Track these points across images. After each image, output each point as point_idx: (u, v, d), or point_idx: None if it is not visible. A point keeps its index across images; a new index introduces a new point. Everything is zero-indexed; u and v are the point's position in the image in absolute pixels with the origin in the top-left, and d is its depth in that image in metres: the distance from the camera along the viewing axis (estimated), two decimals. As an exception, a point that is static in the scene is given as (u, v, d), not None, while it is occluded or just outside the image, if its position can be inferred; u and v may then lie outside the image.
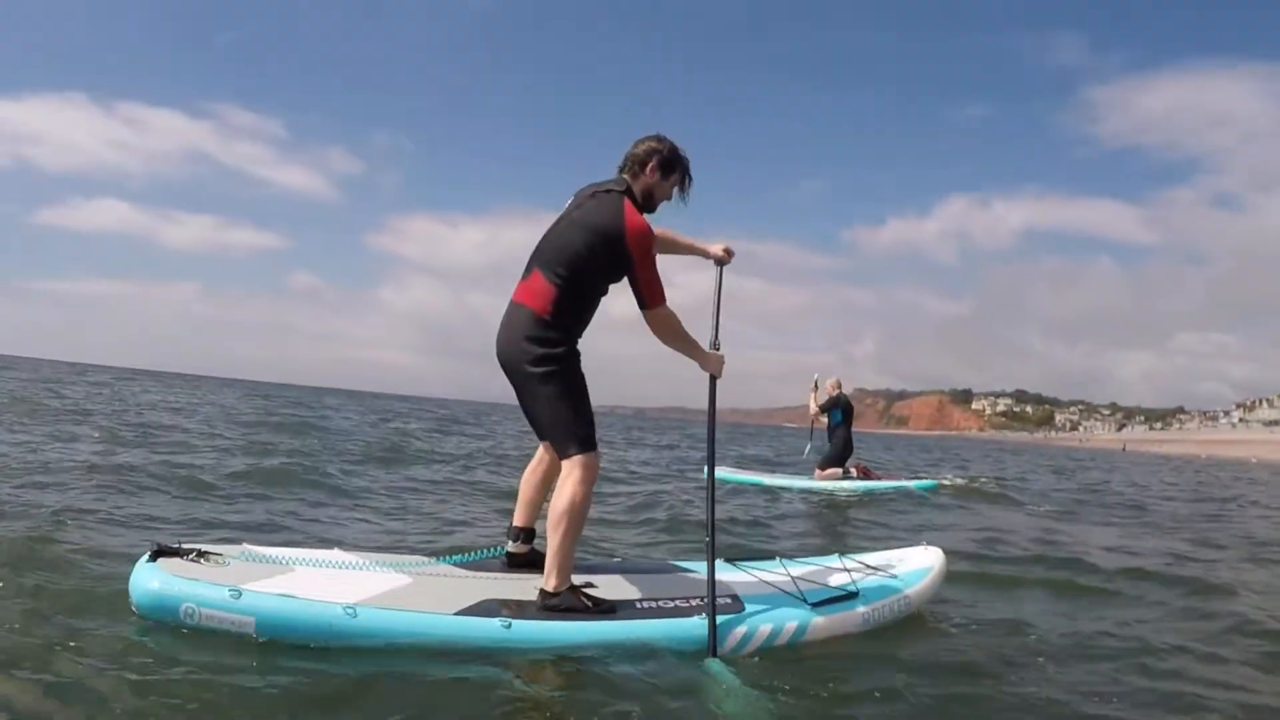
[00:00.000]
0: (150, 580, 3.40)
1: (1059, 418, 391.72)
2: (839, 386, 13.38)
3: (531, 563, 4.12)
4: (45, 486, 6.62)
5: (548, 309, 3.77)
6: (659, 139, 4.01)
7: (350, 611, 3.41)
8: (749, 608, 3.93)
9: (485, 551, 4.28)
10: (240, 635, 3.32)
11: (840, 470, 12.92)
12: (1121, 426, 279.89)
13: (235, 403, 25.20)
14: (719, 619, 3.70)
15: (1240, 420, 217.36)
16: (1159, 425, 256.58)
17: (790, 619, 3.94)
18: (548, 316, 3.77)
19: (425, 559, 4.16)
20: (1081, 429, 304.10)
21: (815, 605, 4.03)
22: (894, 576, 4.61)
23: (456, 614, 3.56)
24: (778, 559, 4.76)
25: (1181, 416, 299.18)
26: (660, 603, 3.94)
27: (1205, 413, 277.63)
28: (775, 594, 4.13)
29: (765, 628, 3.86)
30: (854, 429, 13.55)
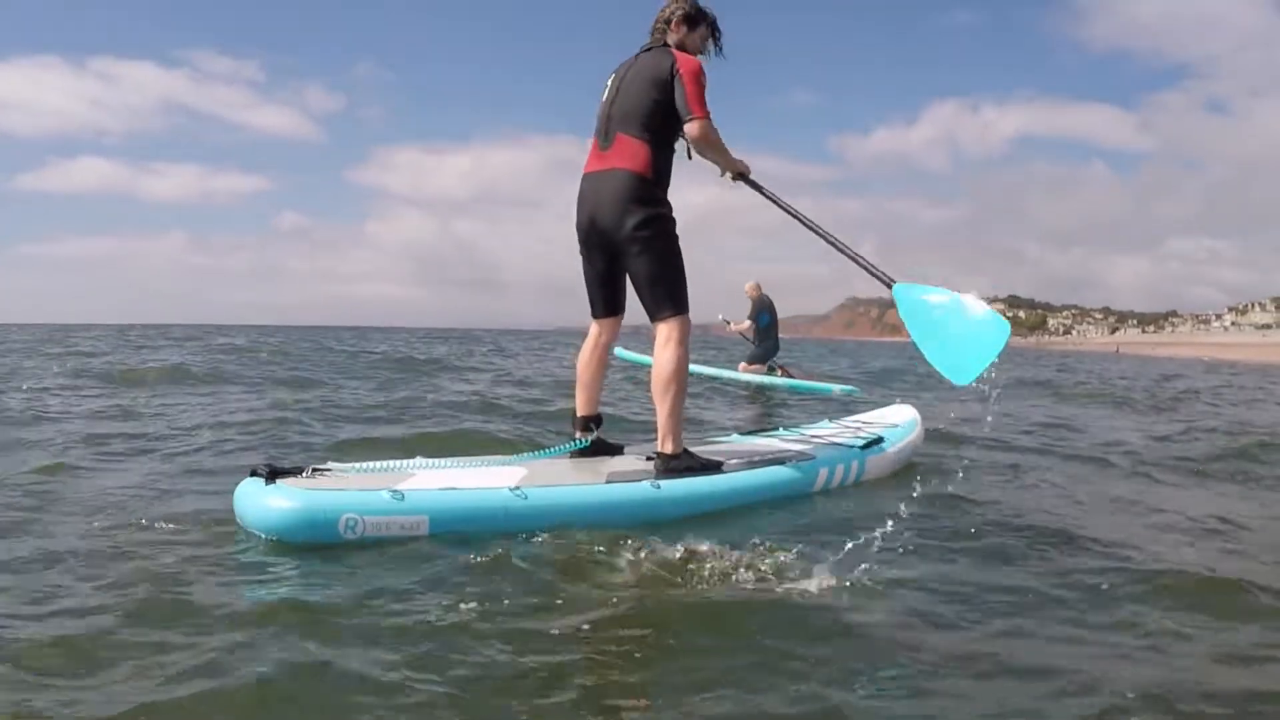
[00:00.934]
0: (287, 499, 3.15)
1: (1052, 322, 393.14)
2: (758, 288, 13.81)
3: (598, 453, 4.28)
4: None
5: (648, 167, 3.93)
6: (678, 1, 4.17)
7: (520, 493, 3.39)
8: (820, 454, 4.59)
9: (562, 448, 4.31)
10: (409, 538, 3.17)
11: (764, 367, 13.43)
12: (1114, 330, 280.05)
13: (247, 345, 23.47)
14: (807, 463, 4.44)
15: (1232, 324, 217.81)
16: (1151, 329, 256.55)
17: (853, 459, 4.69)
18: (650, 175, 3.94)
19: (513, 456, 4.24)
20: (1075, 333, 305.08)
21: (863, 448, 4.79)
22: (894, 426, 5.41)
23: (608, 482, 3.74)
24: (799, 426, 5.56)
25: (1174, 320, 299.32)
26: (751, 459, 4.34)
27: (1197, 316, 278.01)
28: (830, 445, 4.85)
29: (840, 467, 4.55)
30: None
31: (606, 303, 4.28)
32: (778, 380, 12.94)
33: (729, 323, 13.98)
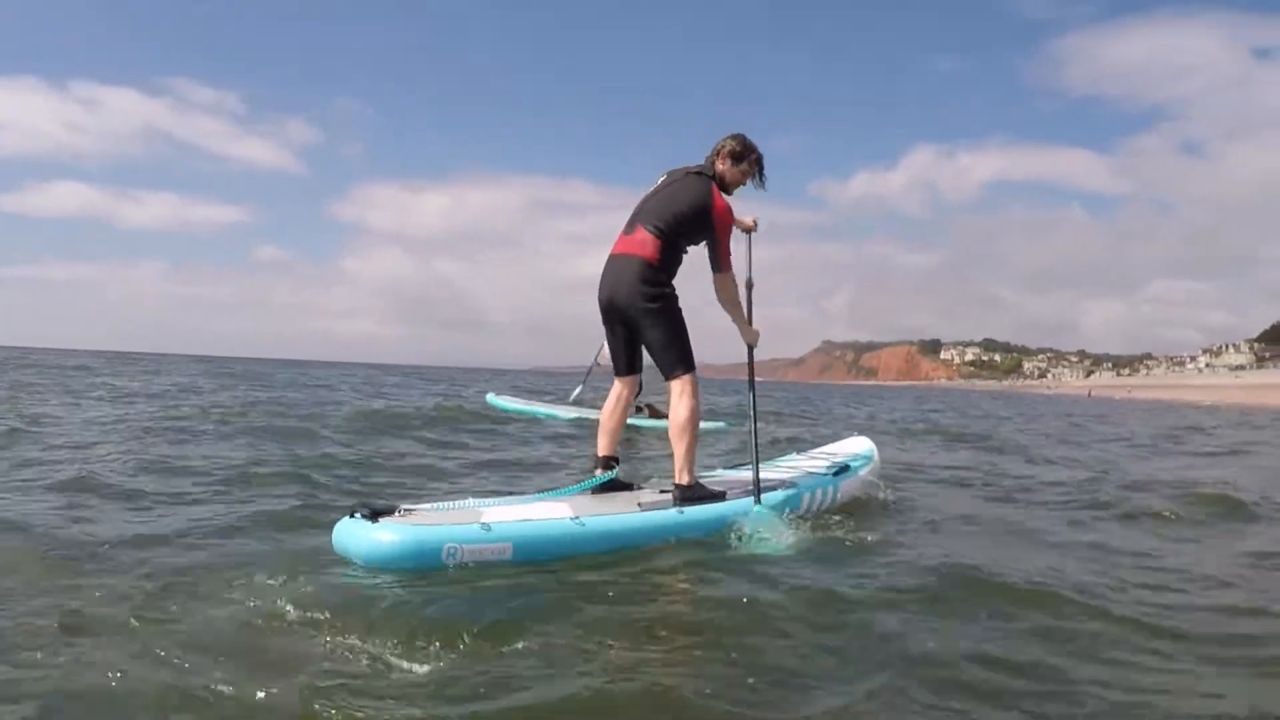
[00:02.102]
0: (396, 534, 3.65)
1: (1027, 365, 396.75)
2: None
3: (615, 489, 4.91)
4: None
5: (656, 256, 4.70)
6: (734, 136, 4.97)
7: (579, 522, 4.04)
8: (801, 482, 5.24)
9: (589, 483, 4.84)
10: (499, 562, 3.73)
11: (633, 408, 11.91)
12: (1090, 373, 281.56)
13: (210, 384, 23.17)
14: (781, 493, 4.94)
15: (1207, 365, 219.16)
16: (1126, 371, 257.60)
17: (829, 484, 5.39)
18: (656, 262, 4.70)
19: (549, 492, 4.80)
20: (1050, 376, 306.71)
21: (835, 475, 5.53)
22: (856, 456, 6.15)
23: (643, 510, 4.45)
24: (772, 460, 6.21)
25: (1149, 362, 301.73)
26: (746, 488, 4.93)
27: (1172, 358, 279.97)
28: (806, 474, 5.50)
29: (819, 492, 5.27)
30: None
31: (628, 364, 5.04)
32: (650, 422, 12.82)
33: (600, 363, 13.92)
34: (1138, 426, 21.00)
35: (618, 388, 5.10)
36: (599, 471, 4.95)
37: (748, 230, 5.35)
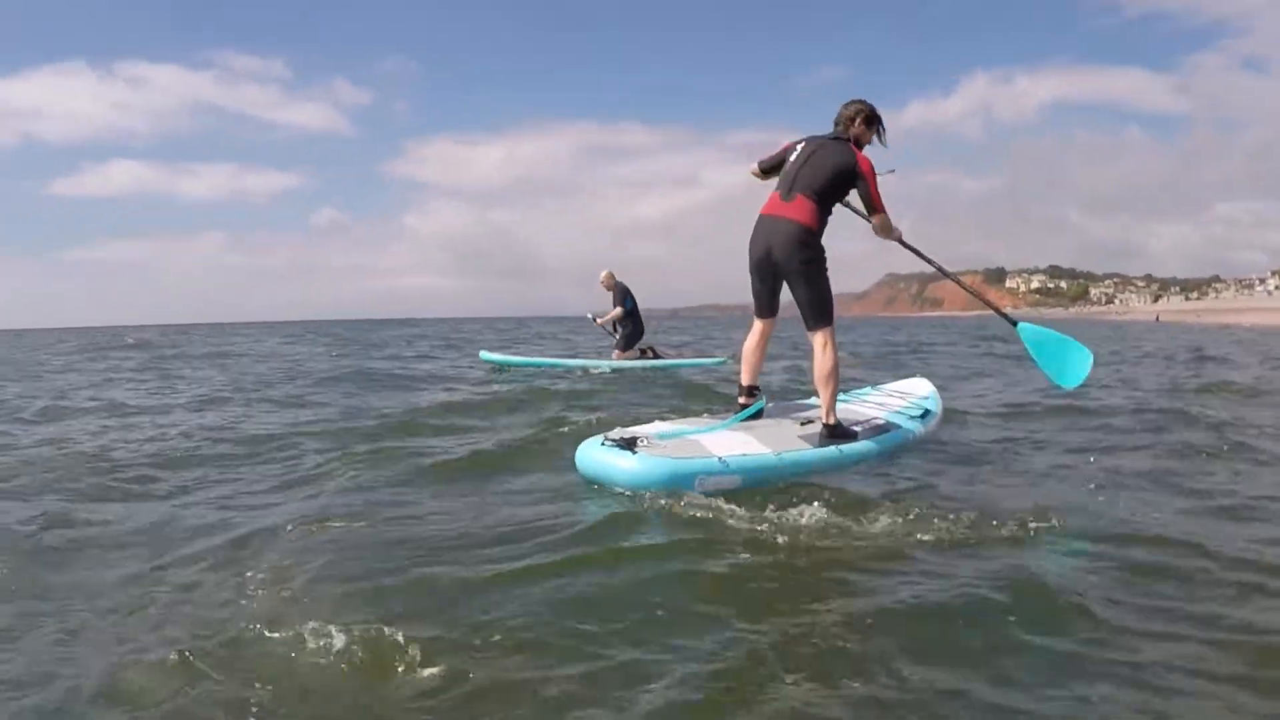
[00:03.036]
0: (659, 464, 4.38)
1: (1094, 291, 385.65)
2: (612, 277, 14.08)
3: (759, 416, 5.59)
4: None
5: (814, 222, 5.23)
6: (860, 102, 5.50)
7: (780, 456, 4.77)
8: (901, 423, 5.91)
9: (746, 413, 5.52)
10: (730, 490, 4.40)
11: (636, 351, 13.82)
12: (1157, 298, 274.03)
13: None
14: (897, 434, 5.74)
15: (1276, 288, 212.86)
16: (1194, 295, 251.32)
17: (919, 426, 6.02)
18: (815, 227, 5.24)
19: (723, 420, 5.48)
20: (1118, 301, 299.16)
21: (920, 418, 6.12)
22: (927, 396, 6.76)
23: (815, 448, 5.07)
24: (849, 394, 6.72)
25: (1217, 285, 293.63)
26: (865, 427, 5.58)
27: (1240, 280, 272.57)
28: (899, 414, 6.10)
29: (912, 434, 5.88)
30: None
31: (768, 307, 5.60)
32: (651, 362, 13.41)
33: (596, 318, 14.43)
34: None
35: (759, 326, 5.67)
36: (745, 400, 5.63)
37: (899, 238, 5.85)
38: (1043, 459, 5.78)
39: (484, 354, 15.83)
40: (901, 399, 6.58)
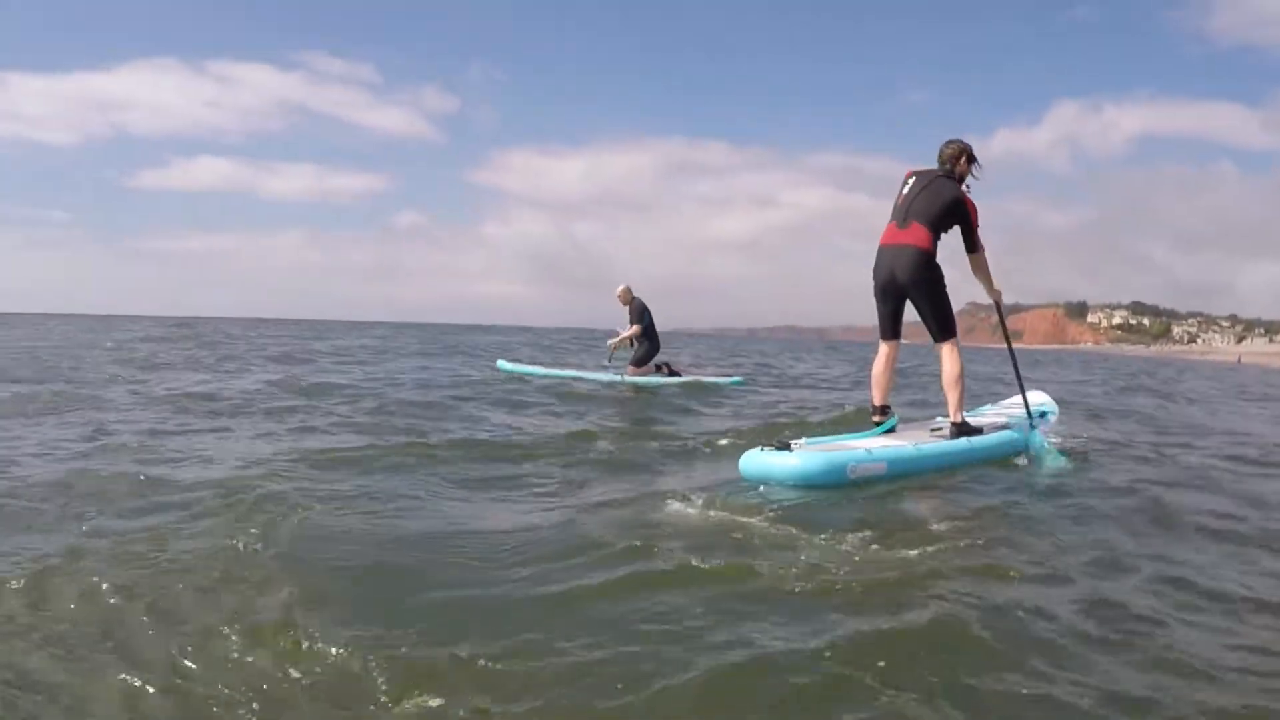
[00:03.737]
0: (816, 459, 4.89)
1: (1176, 330, 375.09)
2: (629, 292, 13.79)
3: (884, 426, 6.04)
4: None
5: (930, 246, 5.81)
6: (960, 141, 6.07)
7: (917, 448, 5.40)
8: (1016, 424, 6.47)
9: (883, 428, 6.03)
10: (878, 477, 5.01)
11: (651, 368, 13.64)
12: (1240, 339, 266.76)
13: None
14: (1016, 431, 6.30)
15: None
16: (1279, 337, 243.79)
17: (1044, 423, 6.71)
18: (930, 250, 5.82)
19: (864, 433, 5.89)
20: (1200, 341, 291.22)
21: (1040, 416, 6.75)
22: (1044, 403, 7.29)
23: (955, 440, 5.72)
24: (982, 408, 7.45)
25: None
26: (990, 424, 6.28)
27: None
28: (1012, 418, 6.63)
29: (1033, 432, 6.48)
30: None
31: (892, 330, 6.10)
32: (666, 379, 13.31)
33: (612, 341, 14.05)
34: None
35: (885, 349, 6.07)
36: (879, 419, 6.01)
37: (997, 299, 6.62)
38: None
39: (501, 364, 15.87)
40: (1019, 407, 6.93)
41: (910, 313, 6.21)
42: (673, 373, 13.67)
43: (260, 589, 3.12)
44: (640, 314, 13.64)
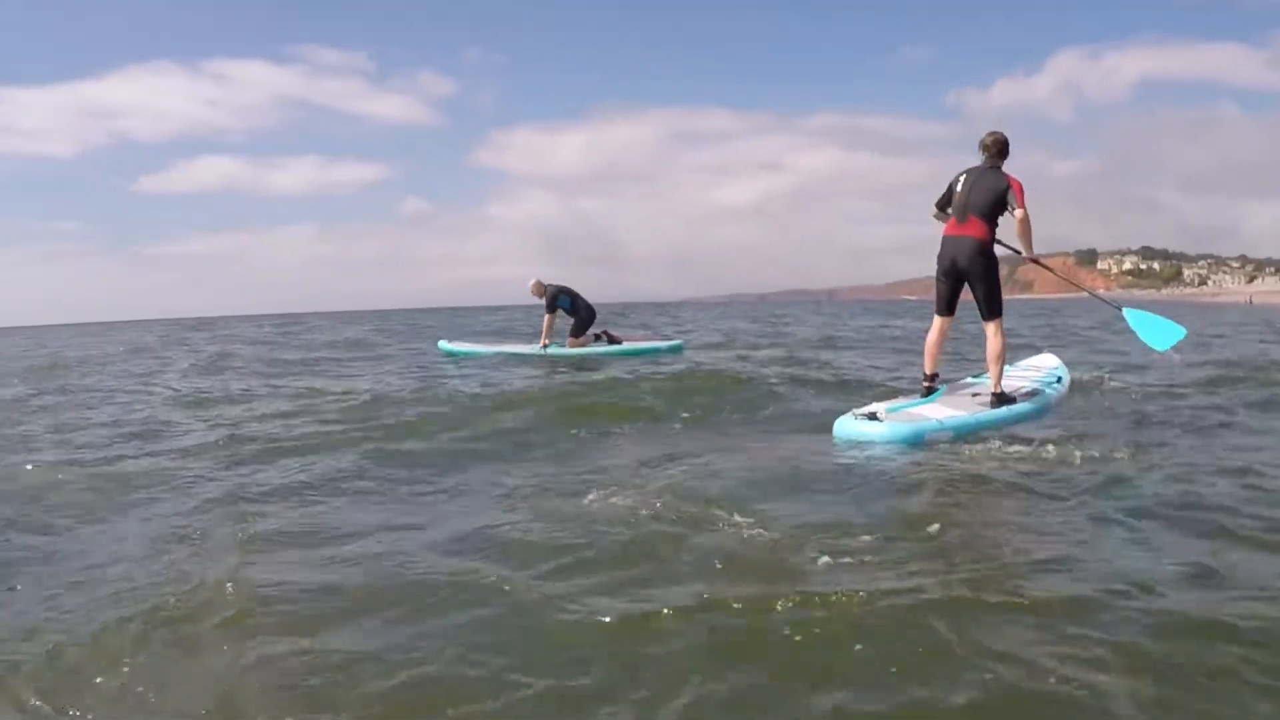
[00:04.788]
0: (902, 427, 5.86)
1: (1187, 273, 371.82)
2: (540, 284, 14.43)
3: (931, 392, 6.98)
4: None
5: (987, 238, 6.76)
6: (998, 132, 6.94)
7: (975, 415, 6.37)
8: (1044, 388, 7.40)
9: (933, 396, 6.90)
10: (944, 440, 5.88)
11: (590, 337, 14.31)
12: (1251, 279, 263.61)
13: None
14: (1049, 393, 7.27)
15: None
16: None
17: (1057, 389, 7.53)
18: (988, 241, 6.78)
19: (919, 399, 6.81)
20: (1210, 283, 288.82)
21: (1058, 382, 7.64)
22: (1056, 367, 8.14)
23: (992, 409, 6.54)
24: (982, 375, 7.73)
25: None
26: (1018, 394, 7.00)
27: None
28: (1039, 380, 7.61)
29: (1054, 395, 7.41)
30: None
31: (949, 306, 7.00)
32: (607, 348, 14.00)
33: (545, 341, 14.25)
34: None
35: (939, 322, 7.02)
36: (929, 386, 6.95)
37: (1035, 258, 7.28)
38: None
39: (441, 344, 16.10)
40: (1037, 370, 7.89)
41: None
42: (613, 340, 14.37)
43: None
44: (553, 301, 14.17)
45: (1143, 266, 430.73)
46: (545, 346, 14.12)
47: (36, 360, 20.84)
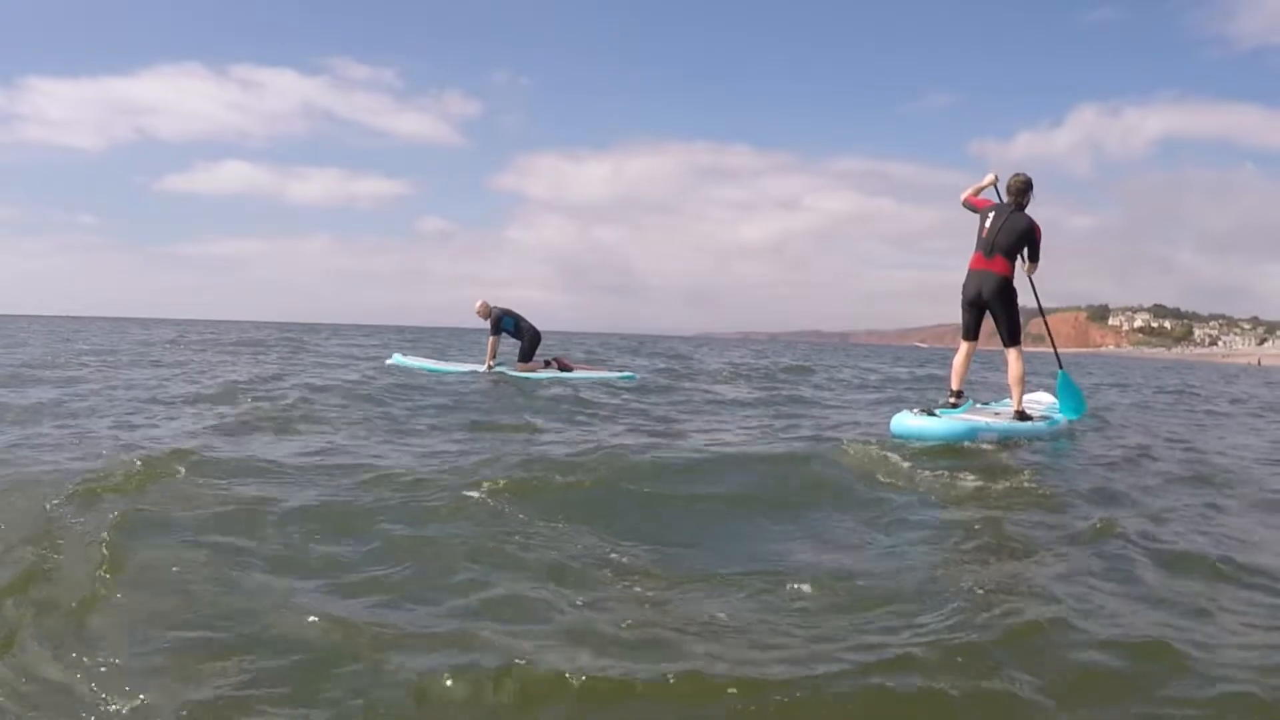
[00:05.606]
0: (958, 424, 6.51)
1: (1198, 332, 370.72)
2: (486, 305, 14.11)
3: (958, 407, 7.53)
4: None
5: (1009, 273, 7.30)
6: (1024, 175, 7.44)
7: (1010, 425, 7.03)
8: (1051, 416, 7.93)
9: (963, 407, 7.43)
10: (991, 442, 6.55)
11: (539, 363, 14.02)
12: (1262, 341, 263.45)
13: None
14: (1052, 420, 7.76)
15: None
16: None
17: (1061, 420, 7.99)
18: (1010, 275, 7.32)
19: (947, 409, 7.26)
20: (1221, 344, 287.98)
21: (1059, 414, 8.10)
22: (1055, 402, 8.55)
23: (1019, 423, 7.16)
24: (997, 402, 8.62)
25: None
26: (1032, 415, 7.51)
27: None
28: (1044, 409, 8.16)
29: (1061, 424, 7.90)
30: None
31: (974, 332, 7.54)
32: (558, 374, 13.57)
33: (490, 363, 14.15)
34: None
35: (965, 346, 7.53)
36: (955, 401, 7.41)
37: (991, 185, 7.73)
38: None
39: (395, 358, 15.96)
40: (1039, 404, 8.34)
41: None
42: (564, 367, 13.98)
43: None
44: (497, 323, 14.02)
45: (1154, 324, 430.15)
46: (491, 368, 13.98)
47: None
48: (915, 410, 6.71)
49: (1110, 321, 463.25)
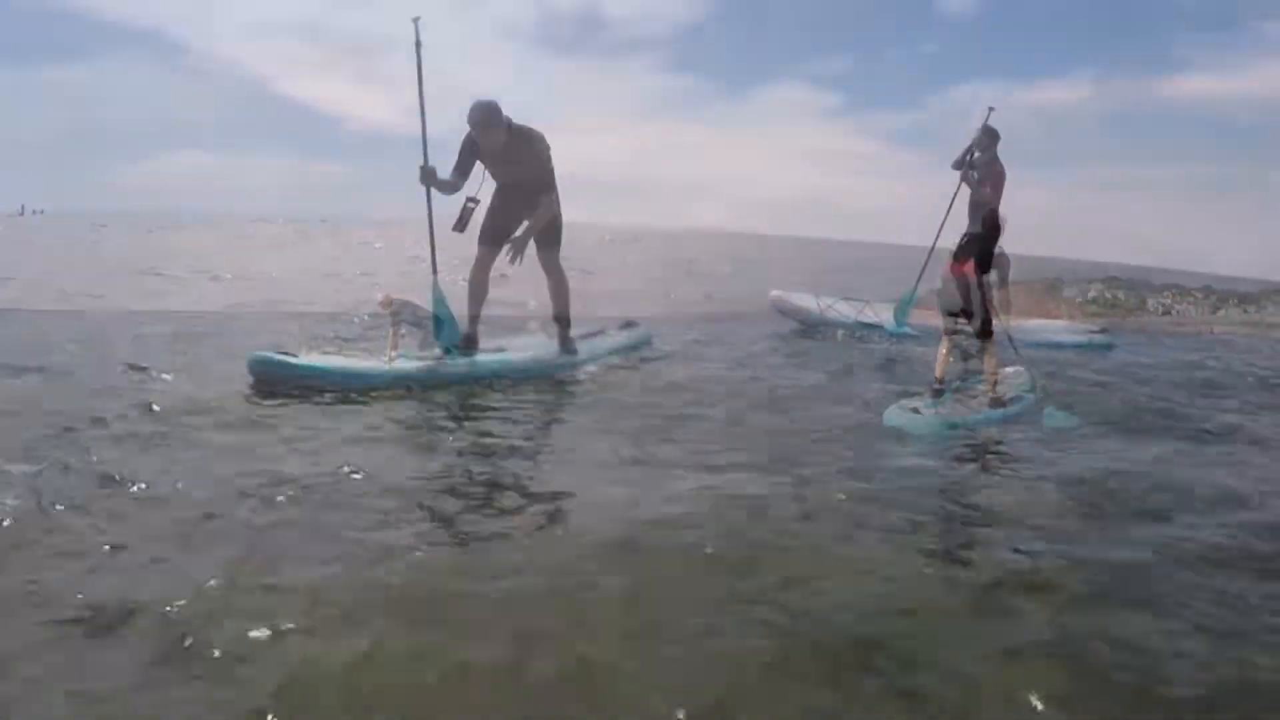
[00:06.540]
0: (947, 420, 6.48)
1: (1151, 302, 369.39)
2: (389, 299, 13.74)
3: (940, 394, 7.34)
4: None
5: (976, 277, 7.01)
6: (990, 209, 7.55)
7: (985, 414, 6.81)
8: (1024, 394, 7.52)
9: (945, 397, 7.22)
10: (977, 429, 6.45)
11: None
12: (1216, 309, 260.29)
13: None
14: (1030, 398, 7.34)
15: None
16: (1251, 308, 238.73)
17: (1031, 394, 7.55)
18: (977, 279, 7.03)
19: (935, 399, 7.12)
20: (1174, 313, 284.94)
21: (1031, 391, 7.67)
22: (1027, 378, 8.12)
23: (992, 410, 6.97)
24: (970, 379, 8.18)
25: (1278, 297, 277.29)
26: (1007, 398, 7.30)
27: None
28: (1017, 387, 7.71)
29: (1029, 399, 7.46)
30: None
31: (952, 328, 7.45)
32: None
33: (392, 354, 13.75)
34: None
35: (944, 338, 7.61)
36: (938, 388, 7.40)
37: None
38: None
39: (264, 354, 13.85)
40: (1014, 381, 8.24)
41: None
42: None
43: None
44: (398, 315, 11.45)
45: (1108, 295, 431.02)
46: (391, 361, 12.29)
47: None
48: (899, 407, 6.79)
49: (1065, 294, 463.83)
